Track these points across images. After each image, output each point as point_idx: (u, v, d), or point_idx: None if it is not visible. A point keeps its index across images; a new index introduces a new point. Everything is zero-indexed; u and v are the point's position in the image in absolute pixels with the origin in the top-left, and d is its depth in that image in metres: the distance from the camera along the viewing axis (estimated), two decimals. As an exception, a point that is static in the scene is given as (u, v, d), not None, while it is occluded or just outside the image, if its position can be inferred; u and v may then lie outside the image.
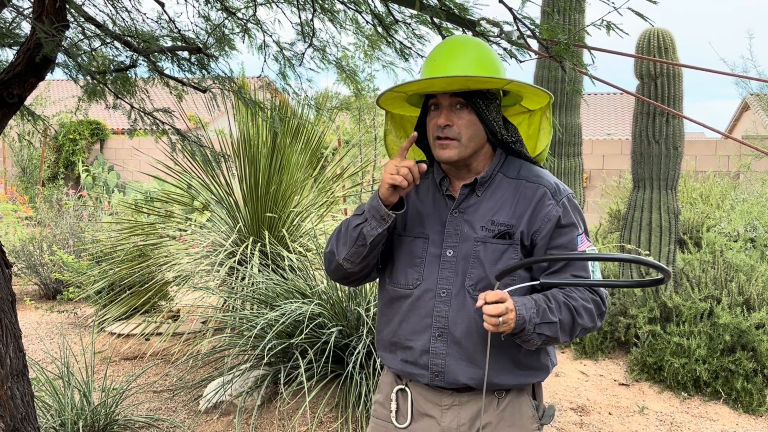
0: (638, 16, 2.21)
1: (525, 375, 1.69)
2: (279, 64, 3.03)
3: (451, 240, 1.68)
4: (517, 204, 1.66)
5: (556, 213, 1.64)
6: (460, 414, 1.70)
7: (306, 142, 5.44)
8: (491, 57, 1.68)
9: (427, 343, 1.68)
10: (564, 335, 1.60)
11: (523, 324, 1.52)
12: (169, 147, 2.84)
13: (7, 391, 2.21)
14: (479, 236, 1.65)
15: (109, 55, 2.77)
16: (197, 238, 5.37)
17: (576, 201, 1.70)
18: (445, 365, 1.67)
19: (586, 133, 19.19)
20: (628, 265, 5.11)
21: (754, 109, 16.92)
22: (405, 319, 1.73)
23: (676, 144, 4.97)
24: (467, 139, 1.65)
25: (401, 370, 1.75)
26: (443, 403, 1.71)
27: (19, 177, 14.24)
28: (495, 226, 1.65)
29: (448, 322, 1.66)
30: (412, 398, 1.76)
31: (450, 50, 1.67)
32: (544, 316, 1.55)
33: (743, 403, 4.13)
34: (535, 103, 1.79)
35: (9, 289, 2.29)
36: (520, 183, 1.69)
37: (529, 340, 1.56)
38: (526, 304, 1.55)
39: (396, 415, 1.77)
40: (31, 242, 7.00)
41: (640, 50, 5.04)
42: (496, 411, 1.69)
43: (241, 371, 3.80)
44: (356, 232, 1.67)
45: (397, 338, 1.75)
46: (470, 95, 1.63)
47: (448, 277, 1.67)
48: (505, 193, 1.68)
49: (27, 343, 5.17)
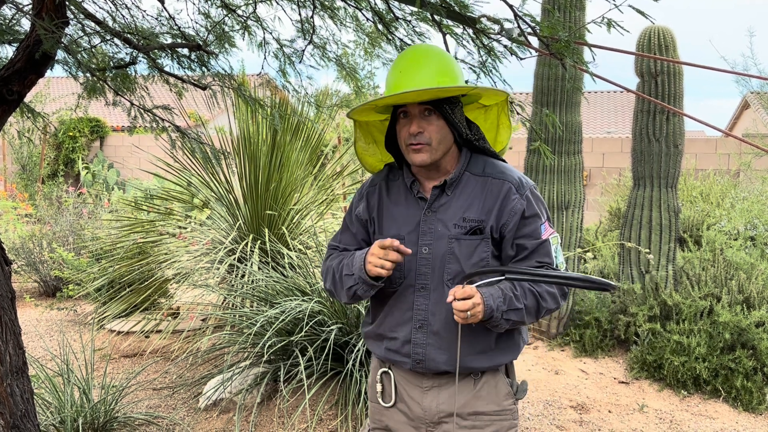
0: (639, 14, 2.20)
1: (499, 356, 1.83)
2: (279, 61, 3.02)
3: (426, 238, 1.81)
4: (485, 200, 1.79)
5: (520, 206, 1.78)
6: (440, 395, 1.85)
7: (306, 139, 5.43)
8: (451, 64, 1.80)
9: (408, 334, 1.83)
10: (530, 318, 1.75)
11: (491, 313, 1.67)
12: (169, 144, 2.83)
13: (6, 388, 2.21)
14: (452, 234, 1.78)
15: (108, 52, 2.77)
16: (197, 236, 5.37)
17: (538, 192, 1.84)
18: (425, 354, 1.82)
19: (586, 131, 19.20)
20: (628, 264, 5.12)
21: (755, 107, 16.92)
22: (389, 314, 1.87)
23: (676, 142, 4.97)
24: (437, 143, 1.77)
25: (385, 357, 1.90)
26: (424, 385, 1.87)
27: (18, 174, 14.24)
28: (466, 223, 1.78)
29: (428, 315, 1.80)
30: (395, 380, 1.92)
31: (414, 60, 1.78)
32: (510, 303, 1.70)
33: (743, 401, 4.13)
34: (492, 99, 1.92)
35: (8, 286, 2.29)
36: (487, 180, 1.81)
37: (497, 325, 1.71)
38: (493, 294, 1.68)
39: (382, 395, 1.95)
40: (30, 239, 7.00)
41: (641, 48, 5.04)
42: (472, 391, 1.84)
43: (240, 369, 3.80)
44: (351, 292, 1.85)
45: (381, 330, 1.90)
46: (438, 102, 1.75)
47: (425, 273, 1.80)
48: (474, 190, 1.81)
49: (27, 341, 5.17)
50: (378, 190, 1.94)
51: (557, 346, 5.08)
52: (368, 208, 1.94)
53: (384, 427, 1.96)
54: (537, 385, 4.38)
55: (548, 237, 1.80)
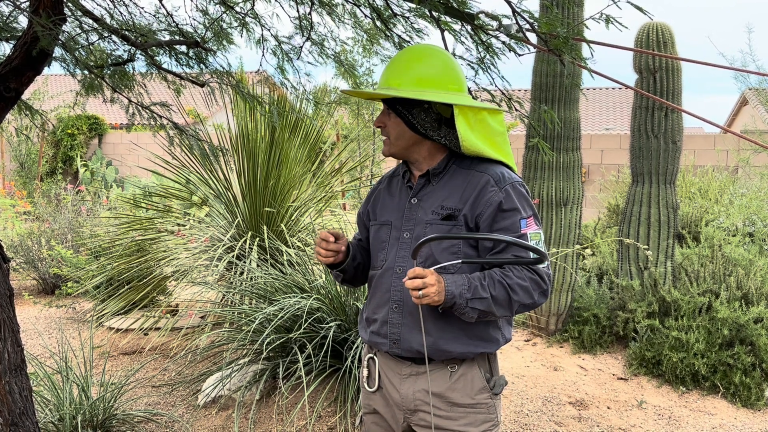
0: (637, 10, 2.20)
1: (474, 344, 1.85)
2: (277, 58, 3.02)
3: (408, 224, 1.91)
4: (464, 190, 1.86)
5: (497, 198, 1.81)
6: (416, 382, 1.90)
7: (304, 136, 5.43)
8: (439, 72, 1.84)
9: (386, 315, 1.91)
10: (501, 309, 1.76)
11: (453, 299, 1.71)
12: (168, 141, 2.83)
13: (5, 385, 2.21)
14: (428, 219, 1.87)
15: (106, 49, 2.76)
16: (196, 233, 5.37)
17: (523, 189, 1.87)
18: (400, 334, 1.88)
19: (584, 127, 19.20)
20: (626, 260, 5.12)
21: (753, 103, 16.93)
22: (373, 296, 1.98)
23: (674, 138, 4.97)
24: (394, 138, 1.91)
25: (369, 340, 1.98)
26: (402, 372, 1.93)
27: (17, 172, 14.22)
28: (443, 210, 1.86)
29: (404, 296, 1.87)
30: (379, 366, 2.00)
31: (398, 61, 1.89)
32: (475, 292, 1.73)
33: (741, 397, 4.13)
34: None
35: (7, 283, 2.29)
36: (470, 173, 1.89)
37: (463, 313, 1.74)
38: (456, 281, 1.73)
39: (368, 380, 2.03)
40: (29, 237, 6.99)
41: (639, 44, 5.03)
42: (448, 382, 1.88)
43: (239, 366, 3.81)
44: (332, 276, 2.08)
45: (368, 313, 2.00)
46: (391, 103, 1.88)
47: (404, 256, 1.89)
48: (457, 181, 1.89)
49: (25, 338, 5.17)
50: (381, 185, 2.09)
51: (556, 342, 5.08)
52: (369, 201, 2.10)
53: (372, 410, 2.04)
54: (536, 381, 4.38)
55: (528, 232, 1.82)
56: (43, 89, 13.54)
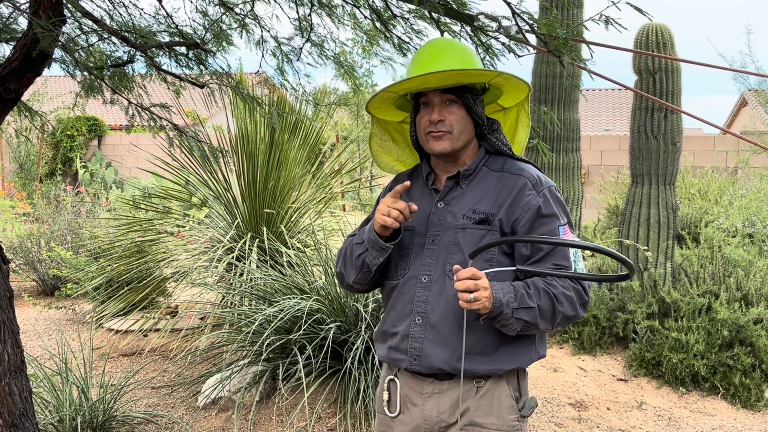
0: (637, 11, 2.20)
1: (503, 361, 1.71)
2: (277, 59, 3.02)
3: (434, 229, 1.76)
4: (498, 194, 1.73)
5: (536, 202, 1.70)
6: (441, 401, 1.75)
7: (304, 137, 5.43)
8: (473, 56, 1.78)
9: (407, 328, 1.75)
10: (544, 322, 1.64)
11: (500, 307, 1.57)
12: (167, 143, 2.83)
13: (5, 387, 2.20)
14: (460, 224, 1.72)
15: (106, 50, 2.76)
16: (195, 234, 5.37)
17: (559, 194, 1.77)
18: (422, 349, 1.73)
19: (584, 128, 19.21)
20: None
21: (752, 104, 16.94)
22: (392, 307, 1.81)
23: (674, 139, 4.97)
24: (458, 132, 1.74)
25: (387, 356, 1.82)
26: (425, 391, 1.77)
27: (16, 173, 14.22)
28: (476, 214, 1.72)
29: (428, 307, 1.72)
30: (400, 387, 1.82)
31: (436, 51, 1.76)
32: (522, 301, 1.60)
33: (741, 398, 4.13)
34: (513, 99, 1.89)
35: (7, 285, 2.29)
36: (503, 175, 1.76)
37: (507, 325, 1.61)
38: (503, 288, 1.60)
39: (388, 405, 1.85)
40: (28, 238, 6.99)
41: (639, 45, 5.04)
42: (474, 398, 1.73)
43: (239, 367, 3.80)
44: (360, 261, 1.79)
45: (386, 327, 1.84)
46: (460, 91, 1.72)
47: (429, 263, 1.74)
48: (489, 185, 1.76)
49: (25, 340, 5.17)
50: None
51: (556, 343, 5.08)
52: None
53: None
54: (536, 382, 4.38)
55: (566, 241, 1.69)
56: (43, 90, 13.55)
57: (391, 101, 1.86)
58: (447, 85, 1.71)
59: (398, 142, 1.99)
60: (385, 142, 1.98)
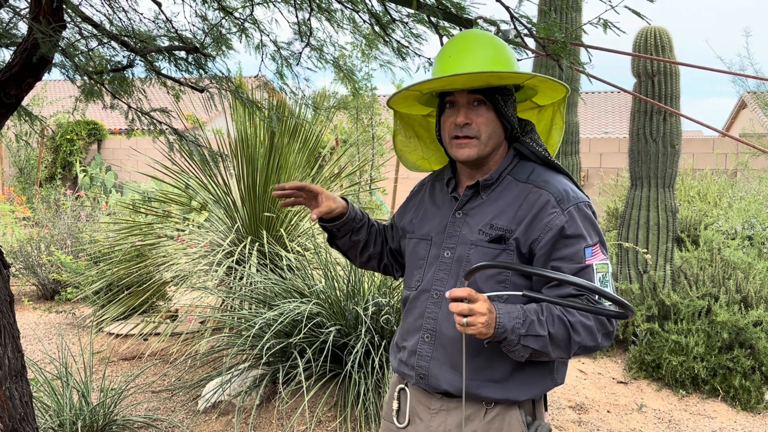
0: (635, 15, 2.21)
1: (514, 390, 1.59)
2: (276, 63, 3.02)
3: (450, 241, 1.65)
4: (519, 209, 1.59)
5: (559, 222, 1.54)
6: (447, 420, 1.65)
7: (304, 141, 5.44)
8: (506, 51, 1.63)
9: (415, 345, 1.67)
10: (558, 351, 1.50)
11: (504, 333, 1.44)
12: (167, 147, 2.83)
13: (5, 391, 2.21)
14: (474, 239, 1.60)
15: (106, 55, 2.77)
16: (195, 238, 5.37)
17: (589, 210, 1.59)
18: (428, 368, 1.64)
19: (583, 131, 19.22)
20: (626, 264, 5.12)
21: (751, 107, 16.95)
22: (405, 320, 1.74)
23: (673, 142, 4.98)
24: (486, 137, 1.61)
25: (397, 369, 1.75)
26: (432, 406, 1.68)
27: (16, 178, 14.22)
28: (492, 230, 1.59)
29: (438, 324, 1.63)
30: (410, 399, 1.74)
31: (465, 45, 1.61)
32: (530, 328, 1.46)
33: (741, 400, 4.13)
34: (548, 98, 1.75)
35: (7, 289, 2.29)
36: (527, 187, 1.61)
37: (513, 351, 1.48)
38: (510, 312, 1.46)
39: (397, 414, 1.76)
40: (28, 243, 6.99)
41: (637, 48, 5.05)
42: (482, 421, 1.61)
43: (239, 371, 3.80)
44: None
45: (398, 340, 1.77)
46: (489, 91, 1.59)
47: (442, 278, 1.64)
48: (511, 196, 1.61)
49: (25, 344, 5.16)
50: (423, 190, 1.83)
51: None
52: (407, 209, 1.85)
53: None
54: (536, 385, 4.38)
55: (594, 263, 1.53)
56: (42, 95, 13.55)
57: (415, 98, 1.74)
58: (475, 86, 1.58)
59: (423, 138, 1.88)
60: (409, 139, 1.87)
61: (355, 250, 1.90)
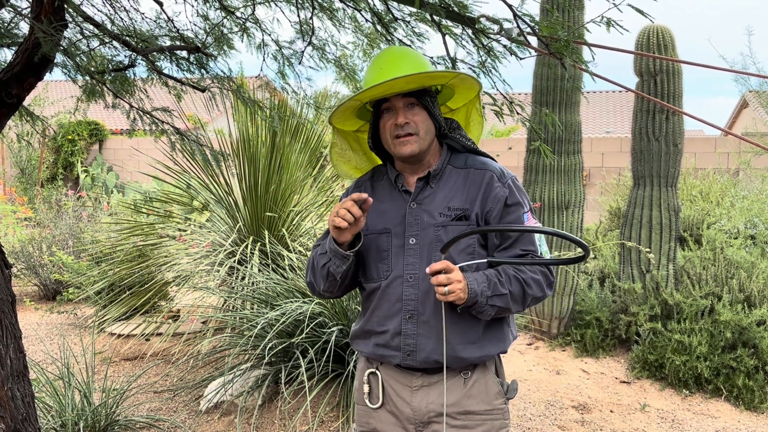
0: (638, 13, 2.20)
1: (488, 346, 1.83)
2: (278, 62, 3.02)
3: (412, 229, 1.84)
4: (468, 190, 1.83)
5: (503, 194, 1.82)
6: (429, 394, 1.84)
7: (305, 141, 5.43)
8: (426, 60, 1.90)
9: (398, 326, 1.83)
10: (516, 305, 1.78)
11: (475, 297, 1.70)
12: (169, 146, 2.83)
13: (7, 391, 2.20)
14: (438, 222, 1.81)
15: (107, 54, 2.76)
16: (197, 238, 5.37)
17: (519, 183, 1.89)
18: (416, 344, 1.81)
19: (585, 130, 19.20)
20: (628, 264, 5.11)
21: (754, 106, 16.92)
22: (377, 308, 1.87)
23: (675, 141, 4.96)
24: (424, 133, 1.82)
25: (373, 353, 1.89)
26: (413, 384, 1.86)
27: (18, 178, 14.23)
28: (451, 212, 1.82)
29: (417, 304, 1.81)
30: (383, 380, 1.90)
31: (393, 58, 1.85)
32: (495, 289, 1.73)
33: (744, 400, 4.12)
34: (462, 99, 1.99)
35: (9, 289, 2.28)
36: (469, 171, 1.87)
37: (482, 311, 1.74)
38: (477, 279, 1.72)
39: (369, 396, 1.92)
40: (30, 243, 6.99)
41: (640, 47, 5.03)
42: (463, 389, 1.84)
43: (241, 371, 3.80)
44: (325, 271, 1.86)
45: (369, 326, 1.90)
46: (421, 94, 1.82)
47: (413, 263, 1.82)
48: (456, 182, 1.86)
49: (27, 344, 5.16)
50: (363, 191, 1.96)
51: (558, 346, 5.07)
52: None
53: (371, 429, 1.93)
54: (539, 385, 4.37)
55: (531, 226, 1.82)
56: (44, 95, 13.56)
57: (352, 111, 1.92)
58: (411, 88, 1.79)
59: (356, 150, 2.08)
60: (345, 151, 2.06)
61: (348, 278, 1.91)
